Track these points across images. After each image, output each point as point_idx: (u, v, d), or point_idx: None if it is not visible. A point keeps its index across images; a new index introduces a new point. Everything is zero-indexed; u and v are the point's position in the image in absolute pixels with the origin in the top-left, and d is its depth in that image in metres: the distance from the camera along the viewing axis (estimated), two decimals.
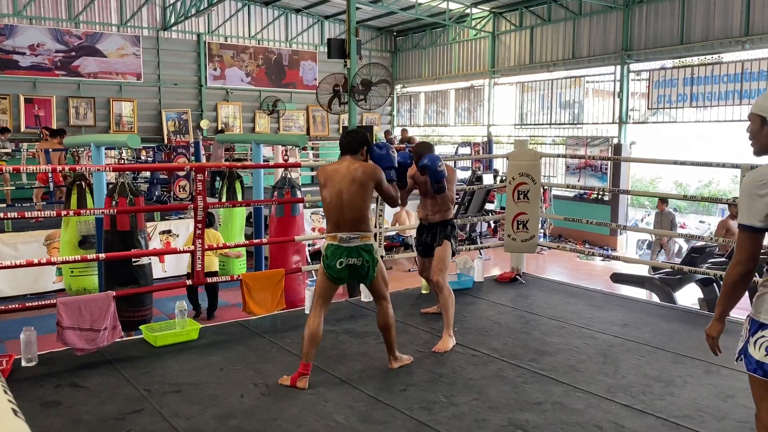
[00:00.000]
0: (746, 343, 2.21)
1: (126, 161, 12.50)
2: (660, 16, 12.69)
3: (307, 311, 4.87)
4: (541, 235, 11.86)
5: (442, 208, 4.47)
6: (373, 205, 6.37)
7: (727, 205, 9.76)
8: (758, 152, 2.30)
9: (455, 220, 4.68)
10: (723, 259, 6.88)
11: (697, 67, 12.23)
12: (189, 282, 4.95)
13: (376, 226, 5.95)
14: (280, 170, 7.62)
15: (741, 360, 2.25)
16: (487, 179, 13.09)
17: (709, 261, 7.00)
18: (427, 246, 4.57)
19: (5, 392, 0.85)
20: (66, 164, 10.87)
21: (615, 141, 13.66)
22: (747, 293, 2.38)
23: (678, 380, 3.57)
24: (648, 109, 13.28)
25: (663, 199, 10.60)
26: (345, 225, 3.57)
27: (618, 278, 7.47)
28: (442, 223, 4.48)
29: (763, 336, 2.14)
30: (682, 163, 5.64)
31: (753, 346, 2.17)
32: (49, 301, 4.21)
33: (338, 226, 3.58)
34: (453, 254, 4.54)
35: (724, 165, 5.34)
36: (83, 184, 6.46)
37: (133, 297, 5.02)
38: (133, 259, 5.10)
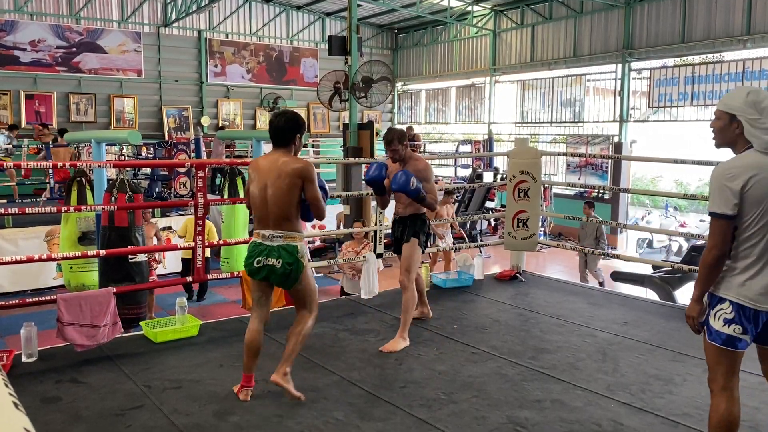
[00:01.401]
0: (707, 316, 2.47)
1: (126, 158, 12.51)
2: (661, 15, 12.68)
3: None
4: (541, 233, 11.86)
5: (413, 202, 4.23)
6: (373, 203, 6.37)
7: None
8: (720, 146, 2.53)
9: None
10: None
11: (699, 65, 12.22)
12: (189, 279, 4.95)
13: (375, 224, 5.95)
14: None
15: (705, 334, 2.49)
16: (488, 177, 13.10)
17: None
18: (398, 241, 4.36)
19: (6, 386, 0.86)
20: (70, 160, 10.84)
21: (616, 139, 13.65)
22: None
23: (677, 378, 3.57)
24: (649, 107, 13.27)
25: (590, 205, 9.38)
26: (269, 222, 3.26)
27: (618, 276, 7.48)
28: (411, 217, 4.29)
29: (720, 308, 2.42)
30: (683, 161, 5.63)
31: (713, 318, 2.45)
32: (49, 297, 4.22)
33: (262, 223, 3.29)
34: (423, 250, 4.36)
35: None
36: (83, 180, 6.45)
37: (128, 294, 5.02)
38: (129, 256, 5.10)
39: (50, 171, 11.02)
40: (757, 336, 2.43)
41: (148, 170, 12.27)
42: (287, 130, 3.32)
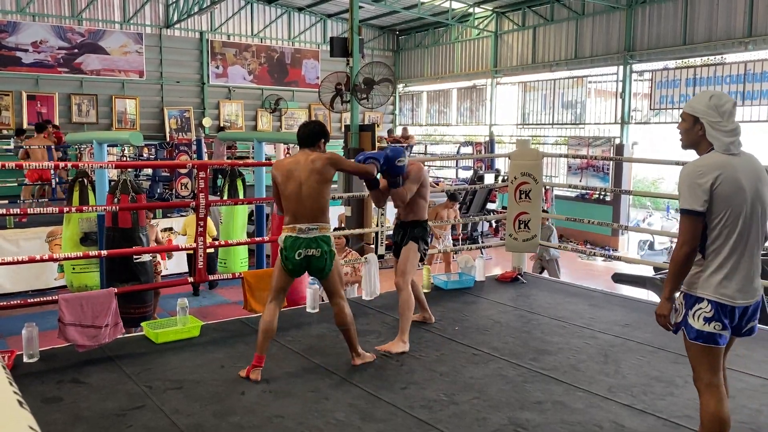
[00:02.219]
0: (685, 316, 2.53)
1: (128, 159, 12.52)
2: (663, 17, 12.68)
3: (308, 309, 4.88)
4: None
5: (414, 208, 4.25)
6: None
7: None
8: (687, 147, 2.65)
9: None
10: None
11: (700, 67, 12.22)
12: (191, 280, 4.96)
13: (378, 225, 5.97)
14: None
15: (681, 331, 2.57)
16: (489, 179, 13.09)
17: None
18: (398, 246, 4.36)
19: (11, 384, 0.86)
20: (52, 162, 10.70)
21: (617, 141, 13.64)
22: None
23: (679, 380, 3.57)
24: (650, 109, 13.28)
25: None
26: (304, 217, 3.59)
27: (619, 278, 7.47)
28: (412, 222, 4.28)
29: (699, 308, 2.49)
30: (684, 163, 5.61)
31: (692, 318, 2.51)
32: (50, 298, 4.22)
33: (297, 218, 3.60)
34: (422, 258, 4.30)
35: None
36: (85, 180, 6.46)
37: (134, 294, 5.03)
38: (134, 256, 5.11)
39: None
40: (732, 330, 2.54)
41: (150, 171, 12.28)
42: (317, 134, 3.74)
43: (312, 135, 3.73)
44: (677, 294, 2.60)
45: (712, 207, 2.44)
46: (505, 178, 8.06)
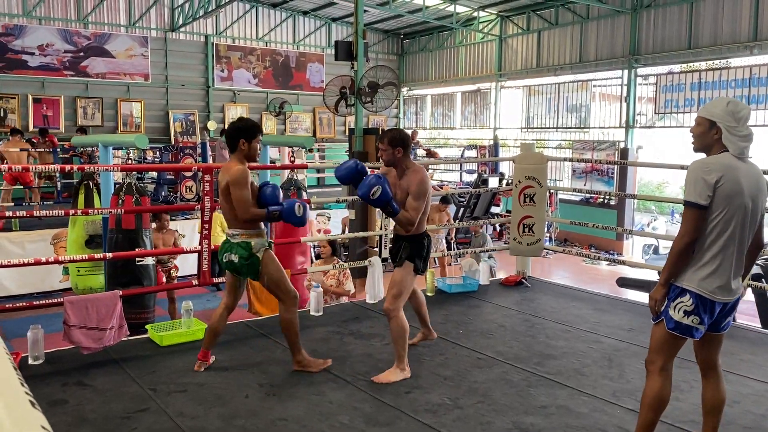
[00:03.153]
0: (667, 306, 2.64)
1: (133, 162, 12.55)
2: (668, 21, 12.67)
3: (312, 312, 4.89)
4: (547, 238, 11.85)
5: None
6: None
7: None
8: (699, 150, 2.71)
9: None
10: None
11: (705, 71, 12.20)
12: (195, 283, 4.96)
13: (382, 228, 5.96)
14: (287, 171, 7.63)
15: (660, 321, 2.67)
16: (493, 182, 13.08)
17: None
18: (394, 258, 3.86)
19: (22, 385, 0.87)
20: (30, 164, 10.63)
21: (622, 145, 13.63)
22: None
23: (683, 385, 3.56)
24: (655, 113, 13.25)
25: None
26: (229, 223, 3.67)
27: (624, 282, 7.45)
28: (409, 238, 3.73)
29: (681, 301, 2.61)
30: (688, 167, 5.60)
31: (673, 309, 2.62)
32: (55, 300, 4.23)
33: (229, 223, 3.70)
34: (421, 273, 3.80)
35: None
36: (90, 183, 6.49)
37: (136, 298, 5.03)
38: (137, 259, 5.12)
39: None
40: (709, 325, 2.65)
41: (155, 174, 12.32)
42: (233, 136, 3.62)
43: (230, 138, 3.61)
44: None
45: (713, 204, 2.54)
46: (510, 181, 8.05)
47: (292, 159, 9.16)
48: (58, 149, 11.97)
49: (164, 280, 6.66)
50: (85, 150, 11.49)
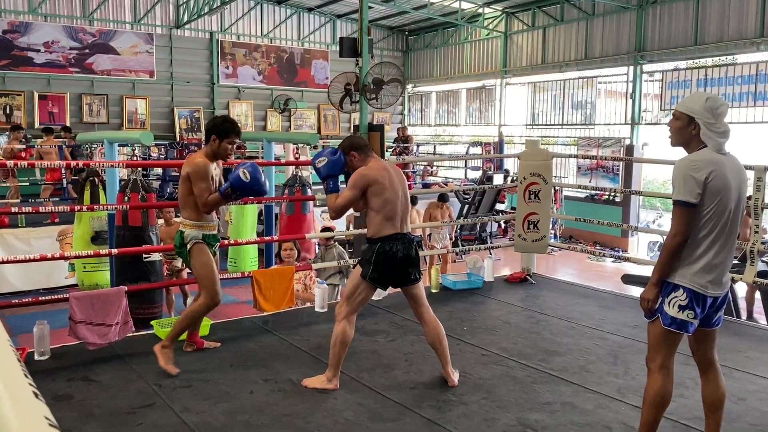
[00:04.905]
0: (661, 303, 2.64)
1: (138, 158, 12.57)
2: (674, 17, 12.61)
3: (317, 309, 4.89)
4: (552, 235, 11.82)
5: (368, 221, 3.49)
6: None
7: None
8: (676, 144, 2.72)
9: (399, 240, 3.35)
10: (736, 261, 6.83)
11: (711, 68, 12.14)
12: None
13: None
14: (291, 168, 7.65)
15: (656, 319, 2.66)
16: (498, 179, 13.06)
17: None
18: None
19: (26, 376, 0.87)
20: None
21: (627, 142, 13.58)
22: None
23: (689, 382, 3.55)
24: (661, 110, 13.20)
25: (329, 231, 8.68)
26: (180, 209, 3.86)
27: (629, 279, 7.42)
28: (366, 240, 3.52)
29: (675, 296, 2.60)
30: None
31: (668, 305, 2.62)
32: (61, 296, 4.25)
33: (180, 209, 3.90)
34: (365, 277, 3.40)
35: None
36: (96, 180, 6.51)
37: (143, 293, 5.05)
38: (144, 255, 5.14)
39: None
40: (702, 321, 2.66)
41: (160, 171, 12.34)
42: (206, 130, 3.82)
43: (206, 131, 3.82)
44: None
45: (703, 200, 2.55)
46: (515, 178, 8.04)
47: (297, 156, 9.19)
48: (63, 146, 11.98)
49: (166, 274, 6.63)
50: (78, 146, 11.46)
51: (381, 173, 3.42)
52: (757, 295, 6.94)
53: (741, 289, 6.94)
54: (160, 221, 6.74)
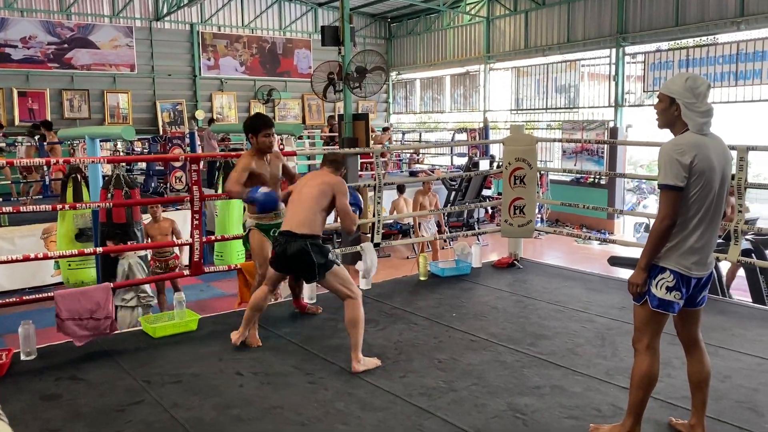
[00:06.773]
0: (649, 285, 2.66)
1: (121, 153, 12.47)
2: None
3: (306, 300, 4.88)
4: (539, 219, 11.87)
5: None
6: (371, 193, 6.37)
7: None
8: (663, 126, 2.73)
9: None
10: (720, 240, 6.89)
11: (693, 48, 12.19)
12: (186, 273, 4.95)
13: (373, 215, 5.95)
14: None
15: (645, 301, 2.68)
16: (484, 165, 13.08)
17: None
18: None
19: None
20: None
21: (611, 124, 13.64)
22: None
23: (676, 362, 3.58)
24: (644, 91, 13.25)
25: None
26: None
27: (615, 261, 7.47)
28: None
29: (662, 278, 2.63)
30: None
31: (655, 287, 2.65)
32: (47, 295, 4.21)
33: None
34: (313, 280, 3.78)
35: None
36: (78, 176, 6.43)
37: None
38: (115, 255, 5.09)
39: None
40: (686, 301, 2.69)
41: (144, 165, 12.23)
42: (244, 133, 4.28)
43: (244, 133, 4.28)
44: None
45: (689, 184, 2.56)
46: (500, 164, 8.04)
47: (282, 147, 9.15)
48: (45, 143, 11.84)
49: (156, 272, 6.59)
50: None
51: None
52: (741, 272, 7.00)
53: (725, 267, 7.01)
54: (146, 216, 6.65)
